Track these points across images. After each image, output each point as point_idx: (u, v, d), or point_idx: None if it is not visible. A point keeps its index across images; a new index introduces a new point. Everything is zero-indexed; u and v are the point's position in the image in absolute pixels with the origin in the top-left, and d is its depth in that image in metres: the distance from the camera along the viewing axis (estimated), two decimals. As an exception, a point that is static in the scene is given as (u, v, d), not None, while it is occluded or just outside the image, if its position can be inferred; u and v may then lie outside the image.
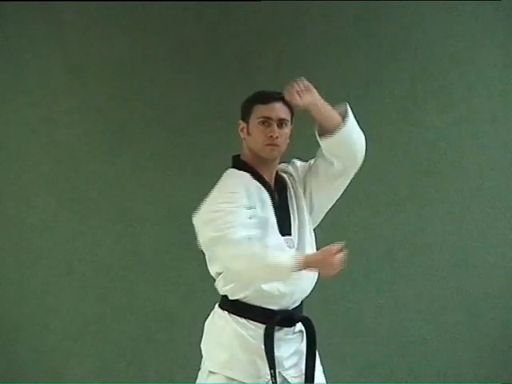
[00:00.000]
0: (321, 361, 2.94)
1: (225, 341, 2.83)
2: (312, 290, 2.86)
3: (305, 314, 2.87)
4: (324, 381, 2.89)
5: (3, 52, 4.43)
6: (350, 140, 2.82)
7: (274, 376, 2.73)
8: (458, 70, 4.38)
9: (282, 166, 2.96)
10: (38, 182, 4.42)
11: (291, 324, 2.80)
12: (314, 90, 2.78)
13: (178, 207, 4.32)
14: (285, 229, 2.81)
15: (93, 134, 4.44)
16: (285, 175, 2.93)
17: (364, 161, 4.37)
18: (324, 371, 2.94)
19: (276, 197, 2.86)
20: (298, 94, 2.71)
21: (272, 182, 2.88)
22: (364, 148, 2.89)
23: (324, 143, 2.82)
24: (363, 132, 2.87)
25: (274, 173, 2.90)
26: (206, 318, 2.98)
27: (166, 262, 4.40)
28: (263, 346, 2.75)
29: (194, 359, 3.03)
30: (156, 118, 4.40)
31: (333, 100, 4.39)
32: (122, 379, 4.36)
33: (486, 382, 4.30)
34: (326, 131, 2.80)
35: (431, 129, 4.39)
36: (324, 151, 2.85)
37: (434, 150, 4.39)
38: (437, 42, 4.39)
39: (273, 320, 2.76)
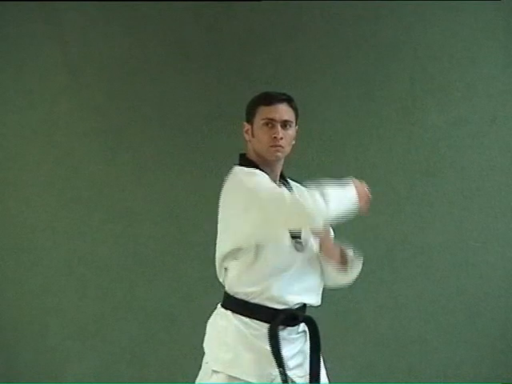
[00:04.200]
0: (323, 361, 2.95)
1: (228, 340, 2.83)
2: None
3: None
4: (327, 381, 2.90)
5: (3, 52, 4.43)
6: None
7: (284, 374, 2.74)
8: (458, 70, 4.38)
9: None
10: (37, 182, 4.42)
11: (295, 323, 2.80)
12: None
13: (178, 207, 4.32)
14: (294, 232, 2.83)
15: (93, 134, 4.44)
16: (292, 182, 2.96)
17: (364, 161, 4.41)
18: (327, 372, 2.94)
19: None
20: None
21: (276, 183, 2.88)
22: None
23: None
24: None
25: (279, 173, 2.91)
26: (206, 318, 2.98)
27: (166, 262, 4.40)
28: (267, 346, 2.75)
29: (194, 359, 3.03)
30: (156, 118, 4.40)
31: (333, 100, 4.42)
32: (121, 379, 4.36)
33: (486, 382, 4.30)
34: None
35: (431, 129, 4.39)
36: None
37: (433, 150, 4.39)
38: (437, 42, 4.39)
39: (277, 319, 2.76)
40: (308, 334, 2.84)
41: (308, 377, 2.81)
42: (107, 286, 4.42)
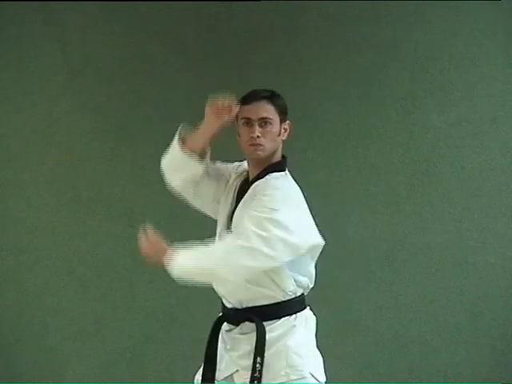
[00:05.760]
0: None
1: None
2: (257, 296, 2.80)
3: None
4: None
5: (3, 52, 4.43)
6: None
7: (211, 372, 2.77)
8: (458, 70, 4.38)
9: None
10: (37, 181, 4.42)
11: (235, 323, 2.79)
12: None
13: (178, 207, 4.32)
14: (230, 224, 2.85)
15: (93, 133, 4.44)
16: (261, 180, 2.88)
17: (364, 161, 4.41)
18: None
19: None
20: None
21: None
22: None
23: None
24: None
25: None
26: (206, 318, 2.99)
27: (166, 262, 4.40)
28: (221, 343, 2.81)
29: (194, 359, 3.03)
30: (156, 118, 4.40)
31: (333, 100, 4.42)
32: (122, 379, 4.36)
33: (486, 382, 4.30)
34: None
35: (431, 129, 4.39)
36: None
37: (433, 150, 4.39)
38: (437, 41, 4.39)
39: (223, 316, 2.83)
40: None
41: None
42: (107, 286, 4.42)
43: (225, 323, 2.83)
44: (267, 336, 2.75)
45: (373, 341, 4.38)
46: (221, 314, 2.89)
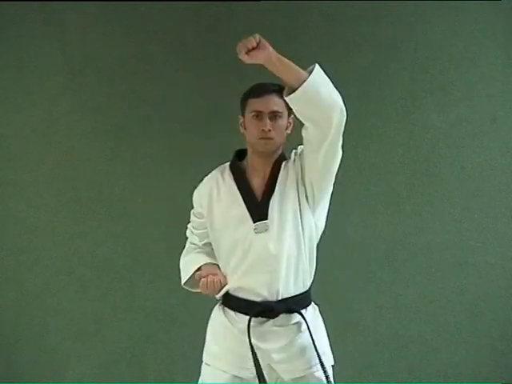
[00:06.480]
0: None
1: (216, 333, 2.87)
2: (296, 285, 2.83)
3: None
4: (324, 380, 2.81)
5: (3, 52, 4.43)
6: (317, 95, 2.63)
7: (257, 367, 2.72)
8: (458, 70, 4.39)
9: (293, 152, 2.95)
10: (37, 181, 4.42)
11: (273, 315, 2.78)
12: (268, 46, 2.69)
13: (178, 207, 4.32)
14: (260, 214, 2.80)
15: (93, 133, 4.44)
16: (284, 162, 2.90)
17: (364, 161, 4.41)
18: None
19: (258, 185, 2.86)
20: (249, 52, 2.65)
21: (268, 172, 2.87)
22: (339, 108, 2.66)
23: (290, 101, 2.66)
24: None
25: (273, 162, 2.89)
26: (206, 318, 2.99)
27: (166, 262, 4.40)
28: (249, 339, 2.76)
29: (194, 359, 3.03)
30: (156, 118, 4.40)
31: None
32: (122, 379, 4.36)
33: (486, 382, 4.31)
34: (291, 89, 2.67)
35: (431, 129, 4.39)
36: (296, 114, 2.74)
37: (433, 150, 4.39)
38: (437, 41, 4.39)
39: (251, 312, 2.77)
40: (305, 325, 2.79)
41: (303, 373, 2.76)
42: (107, 286, 4.42)
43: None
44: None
45: (373, 341, 4.38)
46: (232, 313, 2.85)
